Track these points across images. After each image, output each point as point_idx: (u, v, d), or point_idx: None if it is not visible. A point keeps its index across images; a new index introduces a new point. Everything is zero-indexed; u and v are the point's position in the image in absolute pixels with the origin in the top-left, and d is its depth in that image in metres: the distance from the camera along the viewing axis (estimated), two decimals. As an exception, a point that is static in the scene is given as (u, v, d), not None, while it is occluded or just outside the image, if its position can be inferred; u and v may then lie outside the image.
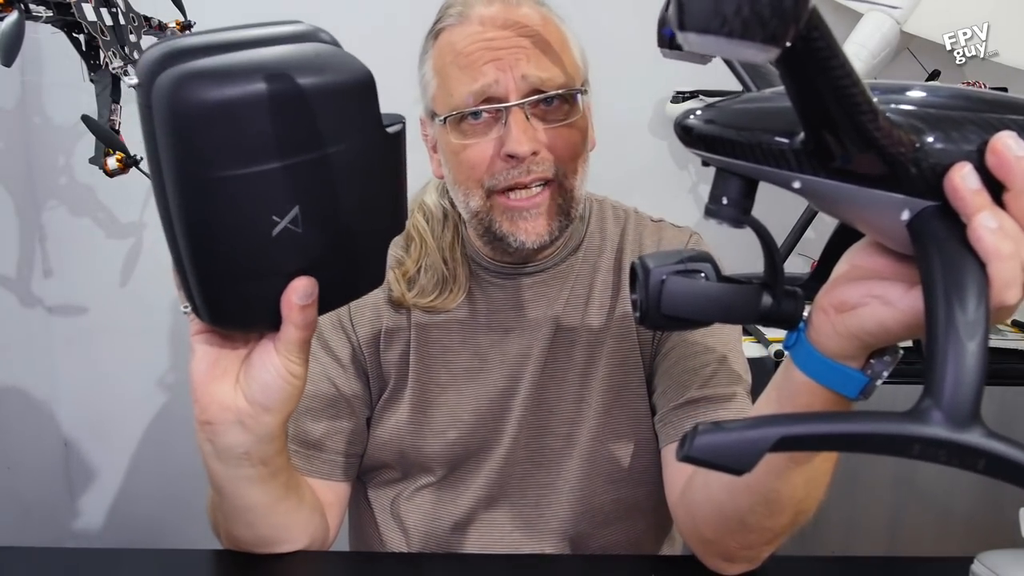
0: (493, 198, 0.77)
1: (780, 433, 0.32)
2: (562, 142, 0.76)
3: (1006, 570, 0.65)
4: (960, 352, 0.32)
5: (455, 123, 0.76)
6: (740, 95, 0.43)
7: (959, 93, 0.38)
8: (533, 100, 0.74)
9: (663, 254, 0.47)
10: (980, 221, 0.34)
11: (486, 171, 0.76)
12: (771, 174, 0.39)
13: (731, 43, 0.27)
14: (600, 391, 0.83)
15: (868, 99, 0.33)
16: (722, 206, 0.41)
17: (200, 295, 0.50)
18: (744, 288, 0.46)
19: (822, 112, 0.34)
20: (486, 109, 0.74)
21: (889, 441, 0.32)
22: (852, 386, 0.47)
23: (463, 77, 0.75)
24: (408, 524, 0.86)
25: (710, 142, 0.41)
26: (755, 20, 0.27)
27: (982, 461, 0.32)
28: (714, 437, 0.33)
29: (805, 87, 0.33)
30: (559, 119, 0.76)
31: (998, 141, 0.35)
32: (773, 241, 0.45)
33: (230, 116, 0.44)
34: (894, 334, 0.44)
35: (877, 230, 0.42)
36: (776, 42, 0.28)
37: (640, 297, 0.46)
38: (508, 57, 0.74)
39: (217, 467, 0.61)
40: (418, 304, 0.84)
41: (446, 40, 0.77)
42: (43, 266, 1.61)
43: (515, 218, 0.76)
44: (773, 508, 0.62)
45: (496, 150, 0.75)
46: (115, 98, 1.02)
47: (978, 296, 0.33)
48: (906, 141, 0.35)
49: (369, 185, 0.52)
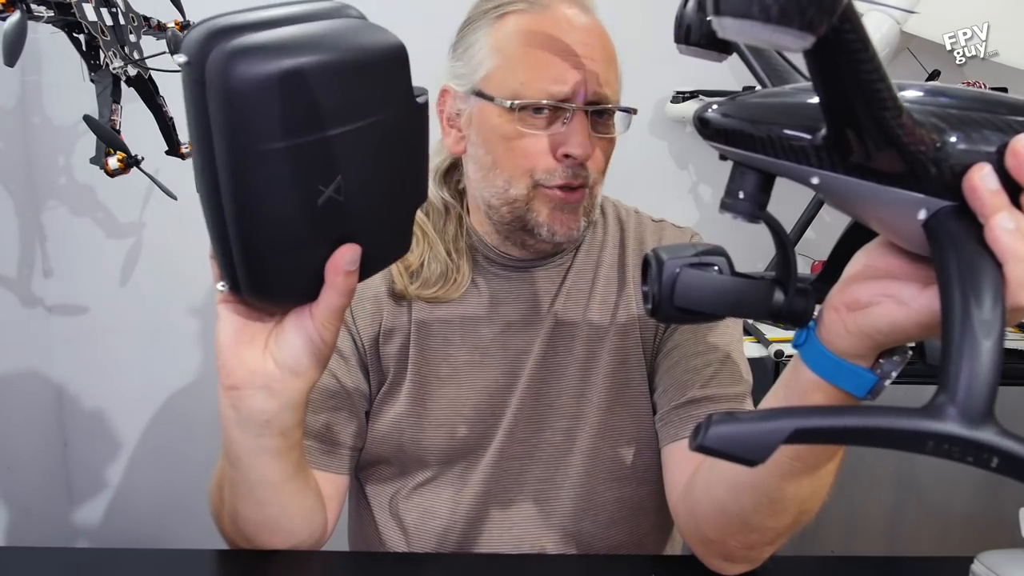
0: (539, 189, 0.78)
1: (795, 425, 0.33)
2: (604, 153, 0.80)
3: (1006, 570, 0.65)
4: (976, 350, 0.32)
5: (515, 110, 0.76)
6: (755, 91, 0.44)
7: (979, 96, 0.39)
8: (598, 109, 0.77)
9: (677, 247, 0.47)
10: (998, 222, 0.35)
11: (539, 164, 0.77)
12: (790, 169, 0.39)
13: (767, 28, 0.28)
14: (601, 387, 0.84)
15: (894, 96, 0.33)
16: (738, 200, 0.41)
17: (244, 268, 0.51)
18: (757, 283, 0.46)
19: (847, 106, 0.34)
20: (558, 105, 0.76)
21: (903, 436, 0.32)
22: (861, 385, 0.47)
23: (543, 71, 0.76)
24: (407, 522, 0.86)
25: (728, 135, 0.41)
26: (793, 6, 0.27)
27: (996, 459, 0.32)
28: (728, 428, 0.33)
29: (833, 79, 0.33)
30: (606, 132, 0.79)
31: (1018, 143, 0.36)
32: (788, 237, 0.45)
33: (283, 89, 0.45)
34: (906, 333, 0.44)
35: (892, 229, 0.42)
36: (813, 30, 0.28)
37: (653, 289, 0.46)
38: (588, 64, 0.76)
39: (237, 435, 0.62)
40: (421, 296, 0.84)
41: (517, 24, 0.78)
42: (43, 266, 1.61)
43: (555, 210, 0.78)
44: (777, 508, 0.62)
45: (552, 147, 0.77)
46: (116, 98, 1.02)
47: (994, 296, 0.33)
48: (927, 140, 0.35)
49: (401, 154, 0.54)
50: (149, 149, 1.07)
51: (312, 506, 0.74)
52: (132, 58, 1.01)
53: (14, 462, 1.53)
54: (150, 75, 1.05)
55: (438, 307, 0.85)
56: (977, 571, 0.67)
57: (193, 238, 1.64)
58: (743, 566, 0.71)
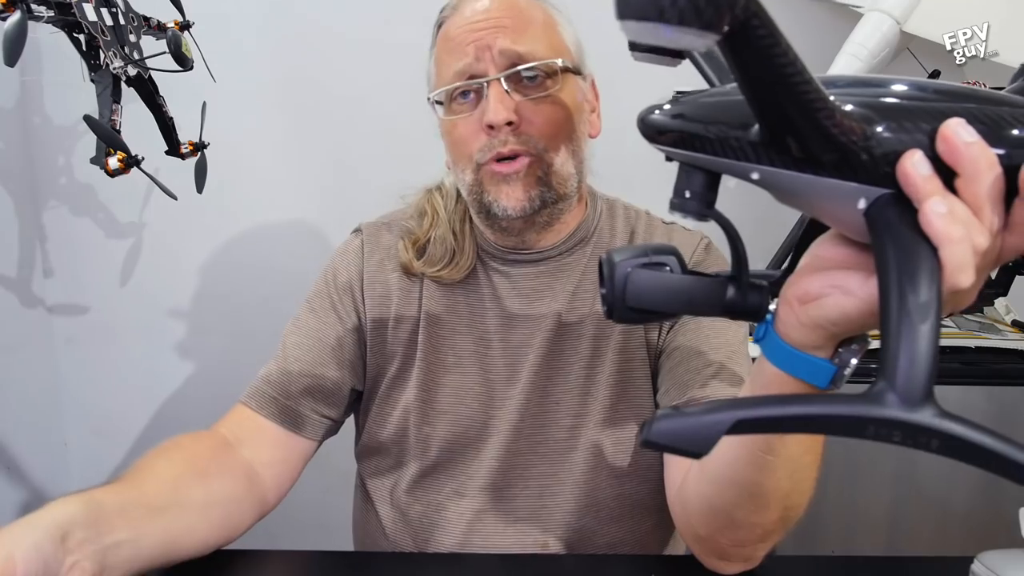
0: (481, 170, 0.79)
1: (736, 416, 0.33)
2: (542, 116, 0.78)
3: (1006, 570, 0.65)
4: (913, 334, 0.33)
5: (446, 103, 0.80)
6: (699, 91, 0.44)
7: (913, 83, 0.39)
8: (509, 72, 0.77)
9: (630, 248, 0.48)
10: (931, 206, 0.35)
11: (473, 144, 0.78)
12: (731, 166, 0.39)
13: (668, 30, 0.28)
14: (606, 385, 0.84)
15: (816, 88, 0.34)
16: (686, 199, 0.42)
17: None
18: (708, 280, 0.47)
19: (770, 101, 0.34)
20: (465, 85, 0.78)
21: (845, 422, 0.32)
22: (822, 376, 0.47)
23: (449, 60, 0.79)
24: (411, 516, 0.86)
25: (671, 137, 0.41)
26: (690, 6, 0.27)
27: (935, 441, 0.32)
28: (672, 422, 0.33)
29: (750, 76, 0.33)
30: (541, 93, 0.78)
31: (947, 128, 0.36)
32: (737, 234, 0.46)
33: None
34: (857, 322, 0.44)
35: (837, 220, 0.43)
36: (713, 28, 0.28)
37: (607, 290, 0.47)
38: (487, 36, 0.77)
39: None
40: (426, 273, 0.86)
41: (443, 31, 0.82)
42: (43, 266, 1.61)
43: (499, 183, 0.79)
44: (759, 503, 0.62)
45: (480, 124, 0.78)
46: (116, 98, 1.02)
47: (930, 280, 0.34)
48: (857, 130, 0.36)
49: None
50: (149, 149, 1.07)
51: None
52: (132, 58, 1.01)
53: (14, 462, 1.53)
54: (150, 75, 1.05)
55: (447, 295, 0.86)
56: (977, 571, 0.67)
57: (193, 238, 1.65)
58: (739, 565, 0.71)
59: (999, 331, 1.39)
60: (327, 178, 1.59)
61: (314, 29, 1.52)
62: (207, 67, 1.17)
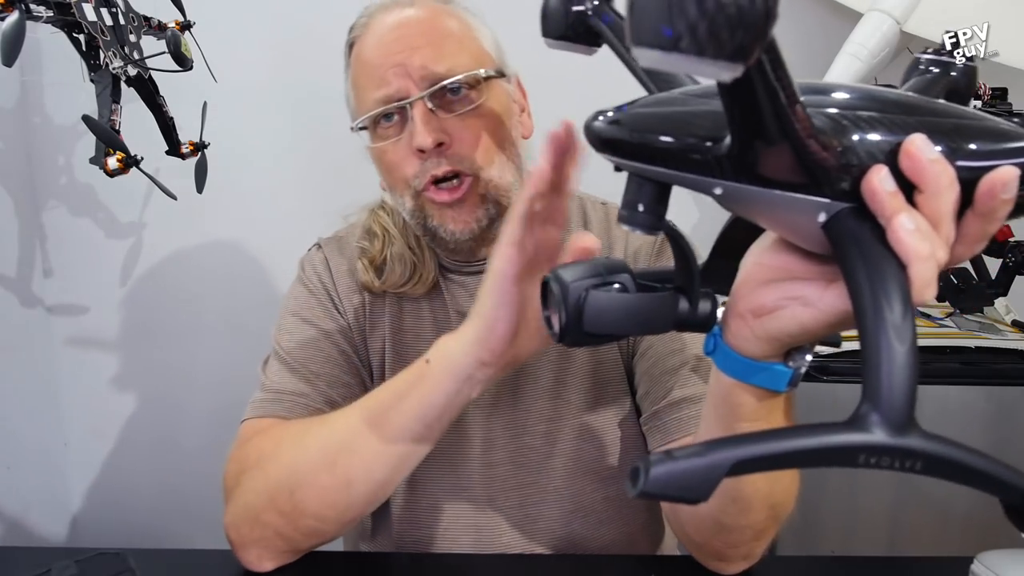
0: (421, 196, 0.77)
1: (735, 457, 0.32)
2: (472, 132, 0.76)
3: (1006, 570, 0.65)
4: (893, 357, 0.32)
5: (371, 128, 0.78)
6: (643, 99, 0.41)
7: (868, 95, 0.38)
8: (431, 91, 0.75)
9: (576, 266, 0.45)
10: (900, 223, 0.34)
11: (407, 170, 0.77)
12: (691, 180, 0.37)
13: (689, 61, 0.26)
14: (578, 388, 0.83)
15: (804, 111, 0.33)
16: (637, 213, 0.39)
17: None
18: (661, 297, 0.45)
19: (758, 123, 0.33)
20: (388, 109, 0.76)
21: (837, 453, 0.32)
22: (779, 380, 0.47)
23: (368, 84, 0.77)
24: (395, 532, 0.85)
25: (623, 148, 0.38)
26: (711, 38, 0.25)
27: (920, 463, 0.32)
28: (667, 468, 0.31)
29: (745, 100, 0.32)
30: (467, 107, 0.76)
31: (912, 145, 0.35)
32: (689, 247, 0.44)
33: None
34: (815, 334, 0.43)
35: (790, 231, 0.41)
36: (741, 59, 0.26)
37: (559, 314, 0.44)
38: (403, 57, 0.75)
39: (462, 388, 0.62)
40: (388, 290, 0.85)
41: (356, 53, 0.80)
42: (43, 266, 1.61)
43: (443, 208, 0.77)
44: (742, 506, 0.62)
45: (410, 148, 0.76)
46: (115, 98, 1.02)
47: (903, 298, 0.33)
48: (830, 146, 0.35)
49: None
50: (149, 149, 1.07)
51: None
52: (132, 58, 1.01)
53: (14, 462, 1.53)
54: (150, 75, 1.05)
55: (412, 309, 0.85)
56: (977, 571, 0.67)
57: (193, 238, 1.65)
58: (739, 564, 0.71)
59: (999, 331, 1.38)
60: (327, 178, 1.59)
61: (315, 29, 1.51)
62: (208, 67, 1.17)
